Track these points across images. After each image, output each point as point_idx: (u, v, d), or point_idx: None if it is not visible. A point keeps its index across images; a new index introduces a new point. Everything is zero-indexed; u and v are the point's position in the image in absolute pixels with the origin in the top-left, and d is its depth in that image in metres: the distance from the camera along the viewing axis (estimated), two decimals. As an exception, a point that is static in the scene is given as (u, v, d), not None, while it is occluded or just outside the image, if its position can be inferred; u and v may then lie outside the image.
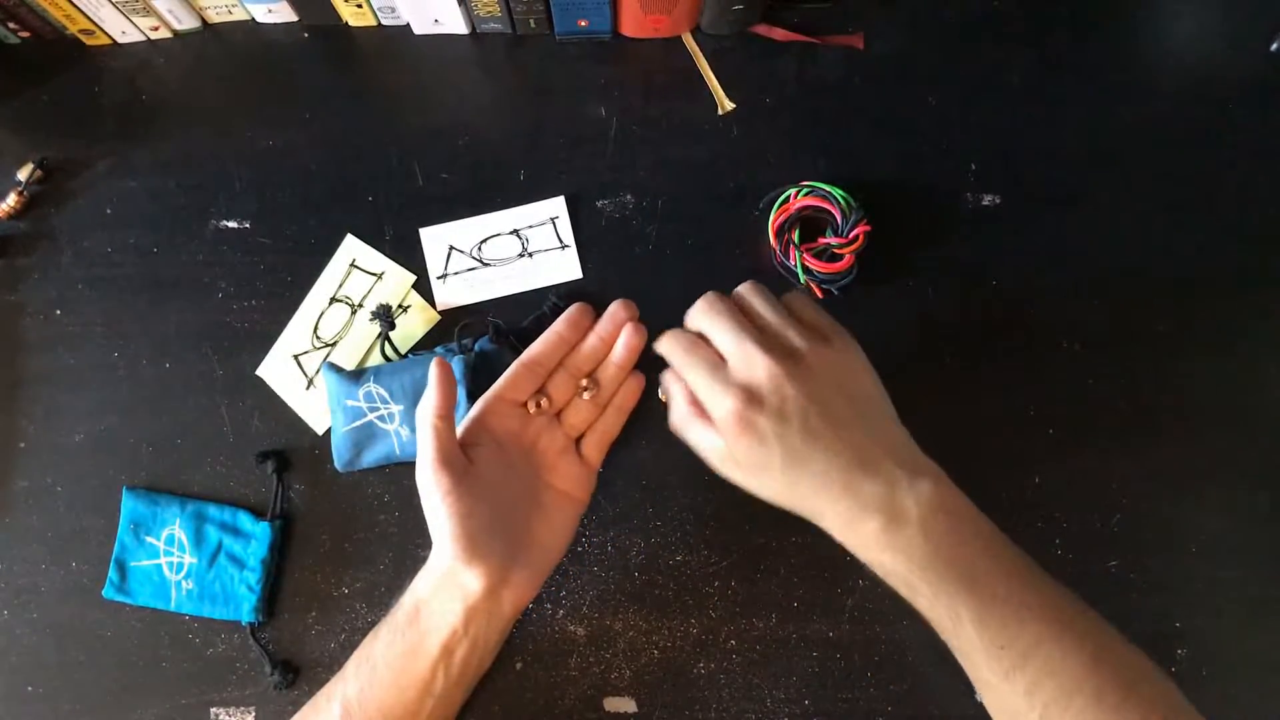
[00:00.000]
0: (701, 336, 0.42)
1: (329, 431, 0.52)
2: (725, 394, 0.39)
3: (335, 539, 0.52)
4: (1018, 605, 0.38)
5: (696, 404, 0.42)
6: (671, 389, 0.44)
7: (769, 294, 0.43)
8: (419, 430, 0.43)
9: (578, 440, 0.49)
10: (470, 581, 0.42)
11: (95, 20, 0.57)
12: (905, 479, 0.39)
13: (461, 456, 0.43)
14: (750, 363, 0.39)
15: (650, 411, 0.51)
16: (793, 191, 0.53)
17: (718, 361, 0.40)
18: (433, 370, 0.44)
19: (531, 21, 0.58)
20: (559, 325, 0.47)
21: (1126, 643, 0.39)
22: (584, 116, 0.57)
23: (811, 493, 0.39)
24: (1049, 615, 0.38)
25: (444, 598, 0.42)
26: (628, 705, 0.49)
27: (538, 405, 0.47)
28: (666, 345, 0.43)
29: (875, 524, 0.38)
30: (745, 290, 0.43)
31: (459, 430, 0.45)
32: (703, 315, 0.42)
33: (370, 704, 0.42)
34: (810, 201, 0.53)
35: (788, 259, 0.53)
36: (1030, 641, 0.37)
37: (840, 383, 0.40)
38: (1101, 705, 0.36)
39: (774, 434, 0.38)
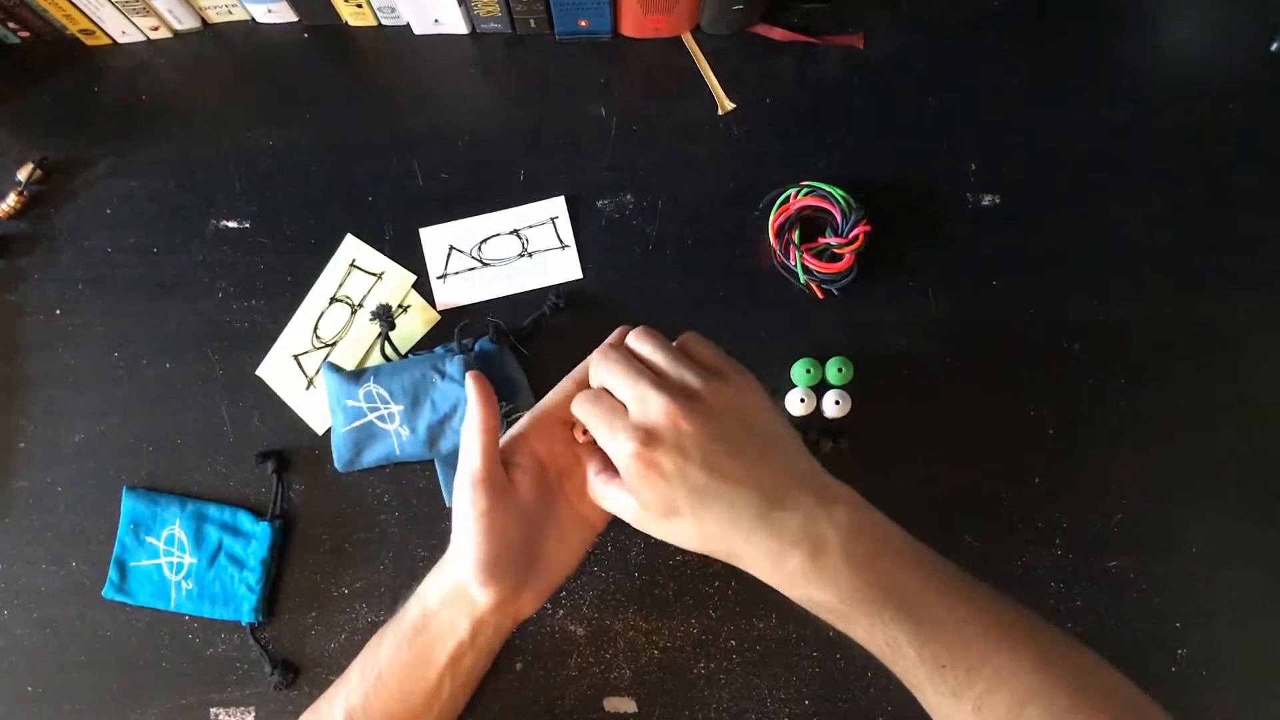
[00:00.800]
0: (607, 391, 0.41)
1: (329, 431, 0.52)
2: (625, 436, 0.38)
3: (335, 539, 0.52)
4: (955, 621, 0.37)
5: (607, 469, 0.42)
6: (585, 459, 0.43)
7: (661, 338, 0.41)
8: (464, 444, 0.41)
9: None
10: (482, 599, 0.41)
11: (95, 20, 0.57)
12: (820, 507, 0.38)
13: (503, 475, 0.42)
14: (645, 404, 0.38)
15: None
16: (793, 191, 0.53)
17: (617, 408, 0.39)
18: (472, 385, 0.42)
19: (531, 21, 0.58)
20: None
21: (1069, 639, 0.38)
22: (584, 116, 0.57)
23: (722, 533, 0.38)
24: (988, 626, 0.37)
25: (453, 610, 0.42)
26: (628, 705, 0.49)
27: (585, 432, 0.43)
28: (574, 406, 0.41)
29: (797, 558, 0.37)
30: (635, 337, 0.41)
31: (503, 443, 0.43)
32: (598, 367, 0.41)
33: (376, 711, 0.42)
34: (810, 201, 0.53)
35: (788, 259, 0.53)
36: (973, 657, 0.36)
37: (740, 417, 0.39)
38: (1052, 709, 0.35)
39: (675, 471, 0.37)
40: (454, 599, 0.42)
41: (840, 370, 0.52)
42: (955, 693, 0.36)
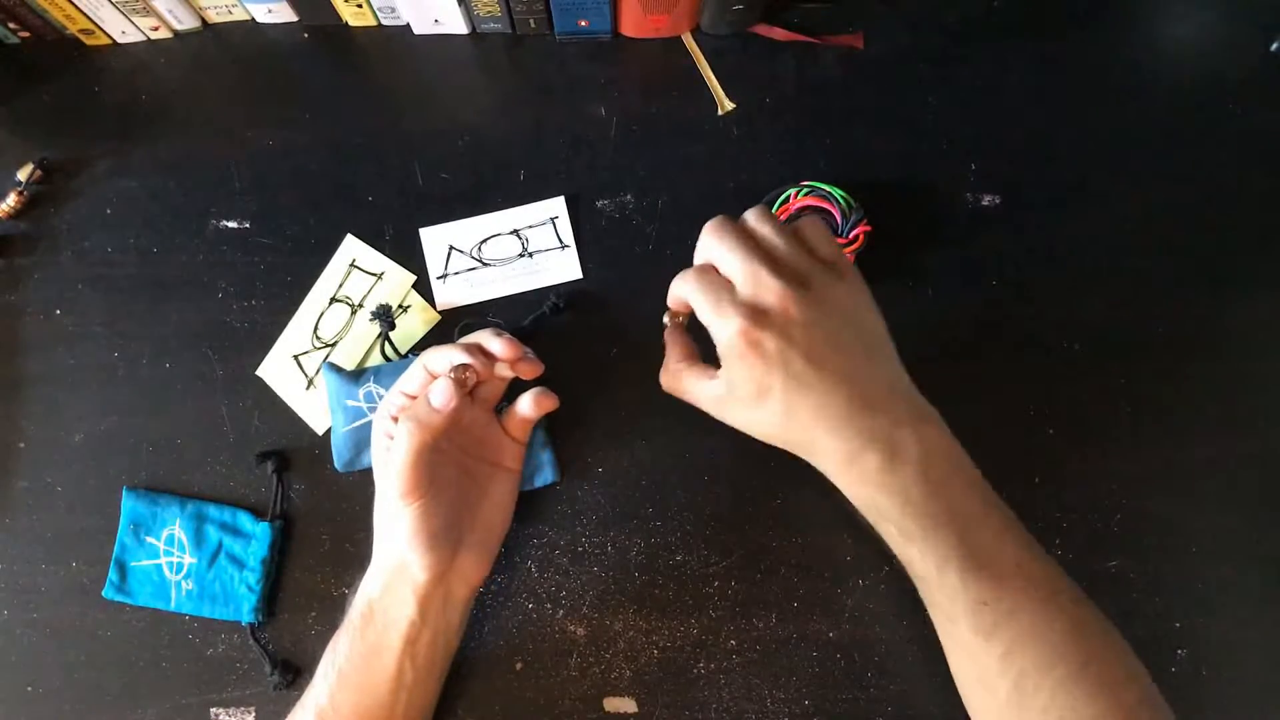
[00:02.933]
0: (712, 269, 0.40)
1: (329, 431, 0.52)
2: (732, 312, 0.37)
3: (335, 539, 0.52)
4: (1005, 564, 0.37)
5: (690, 356, 0.42)
6: (668, 345, 0.43)
7: (779, 221, 0.41)
8: (407, 427, 0.41)
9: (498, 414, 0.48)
10: (419, 573, 0.42)
11: (95, 20, 0.57)
12: (907, 418, 0.38)
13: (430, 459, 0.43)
14: (758, 284, 0.38)
15: (650, 412, 0.51)
16: (793, 191, 0.53)
17: (725, 284, 0.39)
18: (427, 369, 0.43)
19: (531, 21, 0.58)
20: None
21: (1106, 620, 0.38)
22: (584, 116, 0.57)
23: (810, 423, 0.38)
24: (1036, 579, 0.37)
25: (395, 592, 0.43)
26: (628, 705, 0.49)
27: (464, 379, 0.43)
28: (676, 283, 0.41)
29: (874, 460, 0.37)
30: (753, 217, 0.40)
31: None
32: (710, 240, 0.40)
33: (344, 709, 0.43)
34: (810, 201, 0.53)
35: (788, 259, 0.53)
36: (1014, 602, 0.36)
37: (847, 316, 0.39)
38: (1080, 678, 0.35)
39: (778, 355, 0.37)
40: (395, 582, 0.43)
41: (840, 370, 0.52)
42: (989, 633, 0.36)
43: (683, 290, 0.40)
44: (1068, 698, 0.35)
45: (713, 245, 0.39)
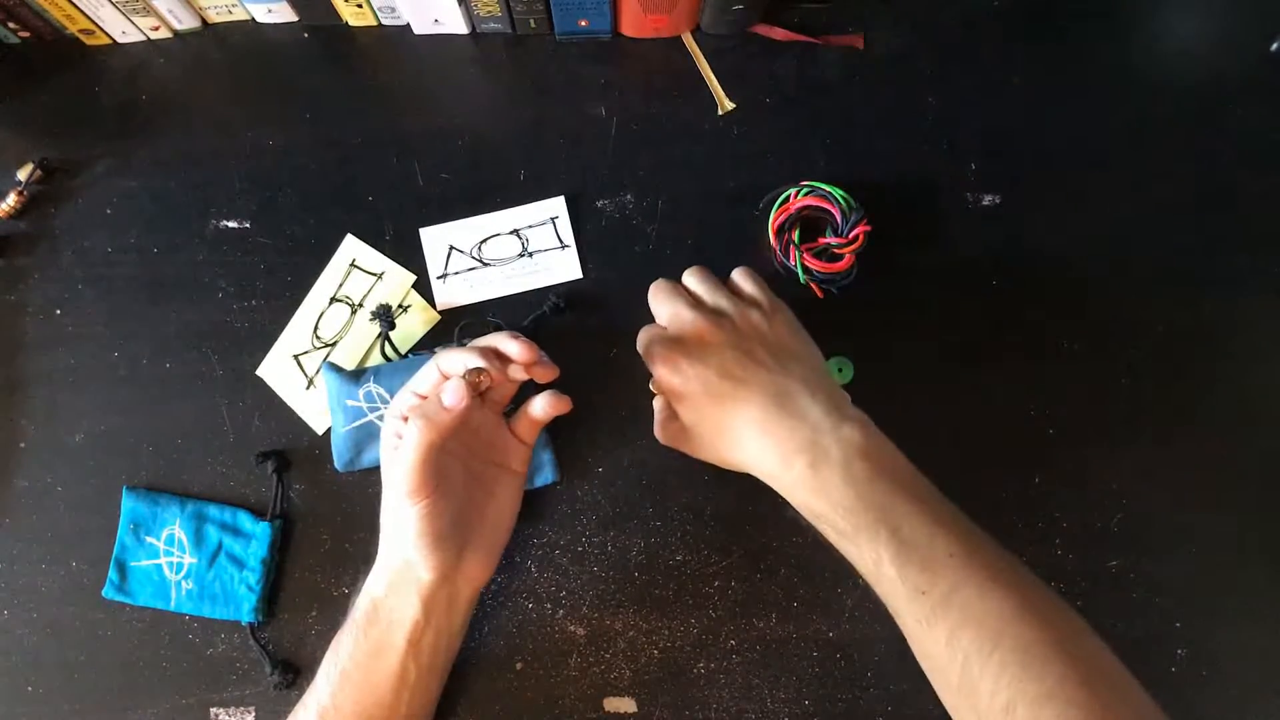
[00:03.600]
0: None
1: (329, 431, 0.52)
2: (657, 345, 0.43)
3: (335, 539, 0.52)
4: (940, 551, 0.38)
5: (667, 408, 0.46)
6: (655, 403, 0.48)
7: (708, 273, 0.47)
8: (417, 425, 0.41)
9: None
10: (425, 573, 0.42)
11: (95, 20, 0.57)
12: (828, 421, 0.41)
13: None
14: (677, 320, 0.44)
15: (650, 412, 0.51)
16: (793, 191, 0.53)
17: (658, 330, 0.45)
18: (440, 369, 0.43)
19: (531, 21, 0.58)
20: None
21: (1058, 600, 0.38)
22: (584, 116, 0.57)
23: (739, 436, 0.42)
24: (974, 563, 0.37)
25: (400, 592, 0.43)
26: (628, 705, 0.49)
27: (477, 382, 0.43)
28: (639, 338, 0.47)
29: (800, 464, 0.40)
30: (687, 273, 0.47)
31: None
32: (651, 298, 0.47)
33: (346, 709, 0.43)
34: (810, 201, 0.53)
35: (788, 259, 0.53)
36: (949, 587, 0.37)
37: (762, 336, 0.43)
38: (1026, 658, 0.35)
39: (695, 375, 0.42)
40: (400, 581, 0.43)
41: (840, 370, 0.52)
42: (929, 620, 0.37)
43: (639, 342, 0.46)
44: (1013, 678, 0.35)
45: (652, 302, 0.47)
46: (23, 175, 0.56)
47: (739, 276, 0.47)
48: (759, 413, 0.41)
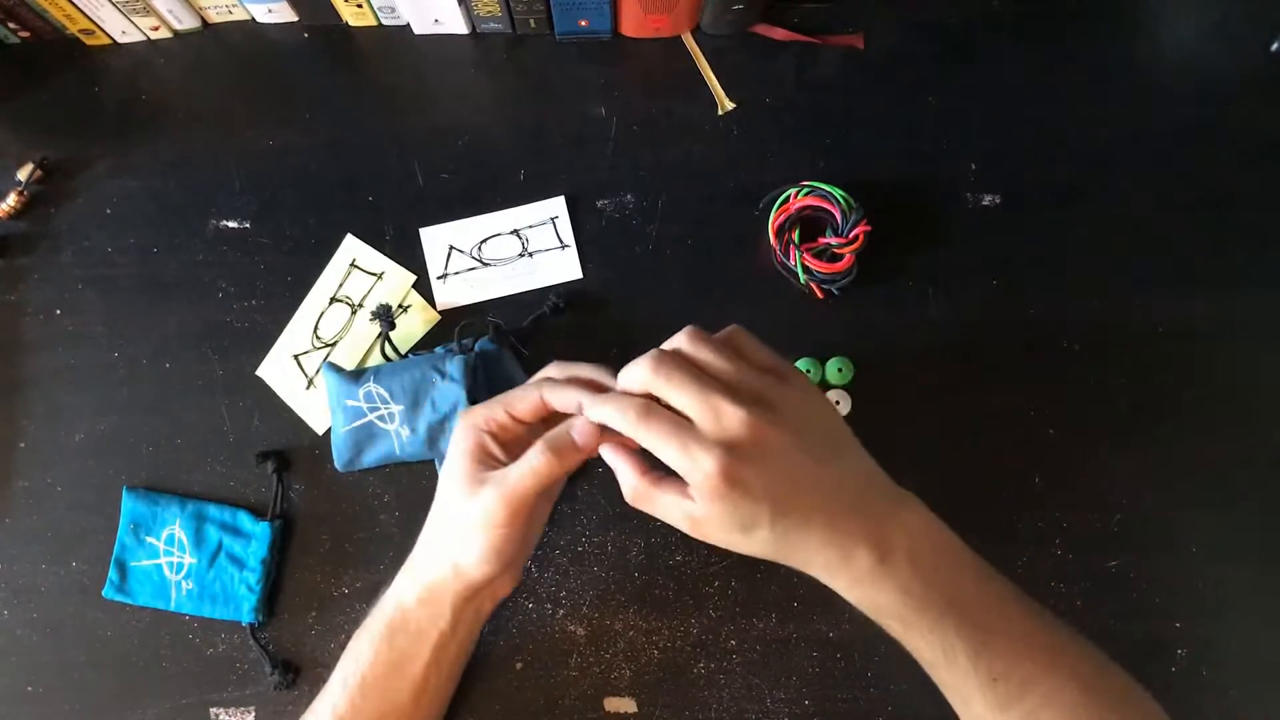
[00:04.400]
0: (650, 398, 0.38)
1: (329, 431, 0.52)
2: (703, 454, 0.35)
3: (335, 539, 0.52)
4: (1010, 637, 0.37)
5: (648, 474, 0.39)
6: (615, 463, 0.39)
7: (710, 338, 0.39)
8: (546, 459, 0.40)
9: None
10: (464, 590, 0.42)
11: (95, 20, 0.57)
12: (887, 511, 0.38)
13: None
14: (721, 417, 0.36)
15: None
16: (793, 191, 0.53)
17: (681, 422, 0.36)
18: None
19: (531, 21, 0.58)
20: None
21: (1109, 663, 0.38)
22: (584, 116, 0.57)
23: (801, 542, 0.37)
24: (1040, 644, 0.37)
25: (433, 604, 0.43)
26: (628, 705, 0.49)
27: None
28: (606, 412, 0.38)
29: (864, 560, 0.37)
30: (685, 340, 0.38)
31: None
32: (650, 375, 0.37)
33: (363, 713, 0.42)
34: (810, 201, 0.53)
35: (788, 259, 0.53)
36: (1025, 674, 0.36)
37: (812, 423, 0.38)
38: None
39: (763, 490, 0.36)
40: (436, 593, 0.43)
41: (840, 370, 0.52)
42: (1004, 706, 0.36)
43: (628, 429, 0.37)
44: None
45: (654, 380, 0.37)
46: (23, 175, 0.56)
47: (743, 341, 0.40)
48: (825, 516, 0.37)
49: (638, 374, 0.37)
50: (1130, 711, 0.37)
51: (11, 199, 0.56)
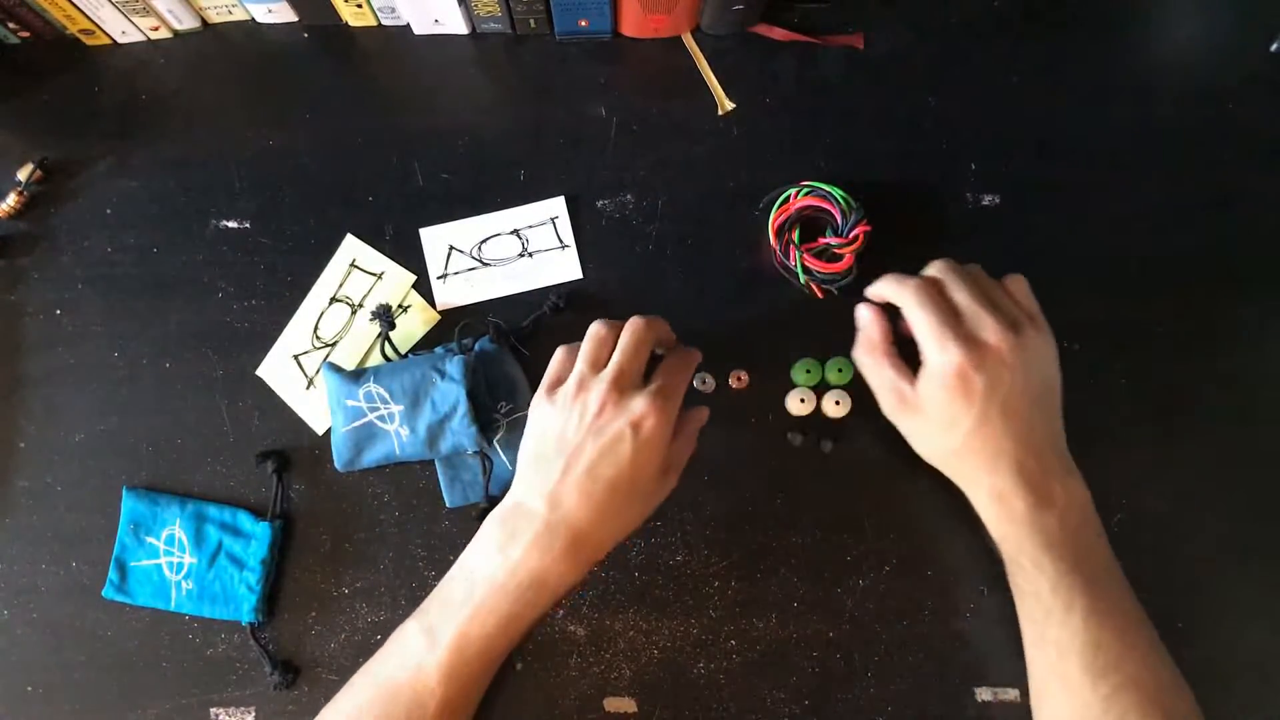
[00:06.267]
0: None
1: (329, 431, 0.52)
2: (954, 344, 0.41)
3: (335, 539, 0.52)
4: (1121, 614, 0.41)
5: (890, 340, 0.45)
6: (867, 319, 0.46)
7: (987, 276, 0.46)
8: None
9: None
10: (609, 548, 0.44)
11: (95, 20, 0.57)
12: (1059, 471, 0.43)
13: None
14: (983, 324, 0.42)
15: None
16: (793, 191, 0.53)
17: (953, 311, 0.43)
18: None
19: (531, 21, 0.58)
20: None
21: (1183, 681, 0.42)
22: (584, 116, 0.57)
23: (979, 459, 0.42)
24: (1144, 632, 0.41)
25: (568, 568, 0.43)
26: (628, 705, 0.49)
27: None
28: (894, 285, 0.45)
29: (1022, 502, 0.41)
30: (974, 268, 0.46)
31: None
32: (943, 271, 0.45)
33: (470, 650, 0.42)
34: (810, 201, 0.53)
35: (788, 259, 0.53)
36: (1122, 651, 0.40)
37: (1040, 368, 0.43)
38: None
39: (983, 397, 0.41)
40: (572, 558, 0.43)
41: (840, 370, 0.52)
42: (1100, 674, 0.40)
43: (910, 299, 0.44)
44: None
45: (947, 275, 0.44)
46: (23, 175, 0.56)
47: (1018, 286, 0.46)
48: (1012, 450, 0.42)
49: (936, 266, 0.46)
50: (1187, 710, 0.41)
51: (11, 199, 0.56)
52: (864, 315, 0.47)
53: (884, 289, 0.46)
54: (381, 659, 0.44)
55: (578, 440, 0.43)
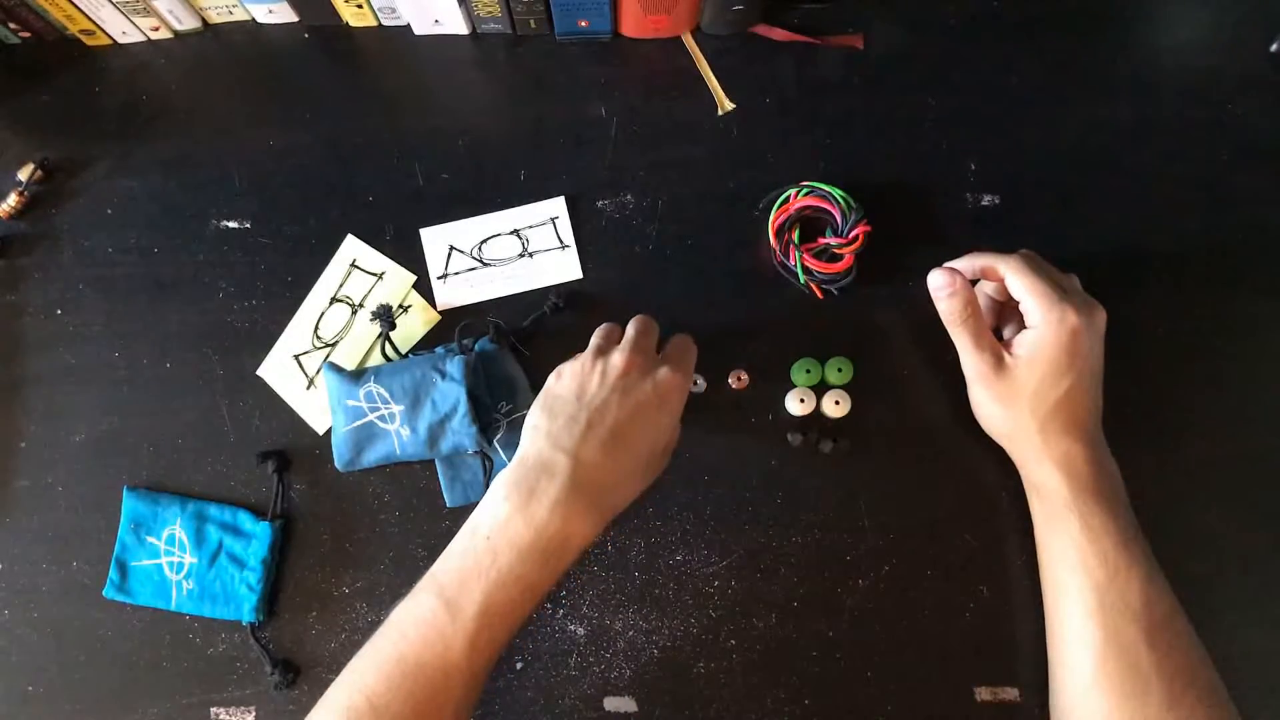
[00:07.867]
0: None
1: (329, 431, 0.52)
2: (1070, 309, 0.45)
3: (335, 539, 0.52)
4: (1139, 546, 0.44)
5: (977, 304, 0.48)
6: (950, 286, 0.48)
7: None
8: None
9: None
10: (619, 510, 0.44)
11: (95, 20, 0.57)
12: (1100, 438, 0.47)
13: None
14: (1084, 297, 0.47)
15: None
16: (793, 191, 0.53)
17: (1060, 280, 0.47)
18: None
19: (531, 22, 0.58)
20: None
21: (1179, 611, 0.45)
22: (584, 116, 0.57)
23: (1047, 417, 0.45)
24: (1153, 568, 0.45)
25: (590, 527, 0.42)
26: (628, 705, 0.49)
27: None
28: (992, 256, 0.48)
29: (1079, 452, 0.45)
30: (1037, 256, 0.49)
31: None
32: (1032, 258, 0.48)
33: (495, 610, 0.41)
34: (810, 201, 0.53)
35: (788, 259, 0.53)
36: (1131, 559, 0.43)
37: (1101, 343, 0.47)
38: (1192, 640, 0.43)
39: (1083, 358, 0.45)
40: (592, 518, 0.42)
41: (840, 370, 0.52)
42: (1122, 570, 0.43)
43: (1018, 265, 0.46)
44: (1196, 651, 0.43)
45: (1030, 257, 0.48)
46: (23, 175, 0.56)
47: (1071, 275, 0.49)
48: (1063, 422, 0.45)
49: (1025, 252, 0.49)
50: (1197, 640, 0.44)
51: (12, 199, 0.56)
52: (949, 283, 0.48)
53: (979, 261, 0.48)
54: (393, 637, 0.41)
55: (603, 396, 0.43)
